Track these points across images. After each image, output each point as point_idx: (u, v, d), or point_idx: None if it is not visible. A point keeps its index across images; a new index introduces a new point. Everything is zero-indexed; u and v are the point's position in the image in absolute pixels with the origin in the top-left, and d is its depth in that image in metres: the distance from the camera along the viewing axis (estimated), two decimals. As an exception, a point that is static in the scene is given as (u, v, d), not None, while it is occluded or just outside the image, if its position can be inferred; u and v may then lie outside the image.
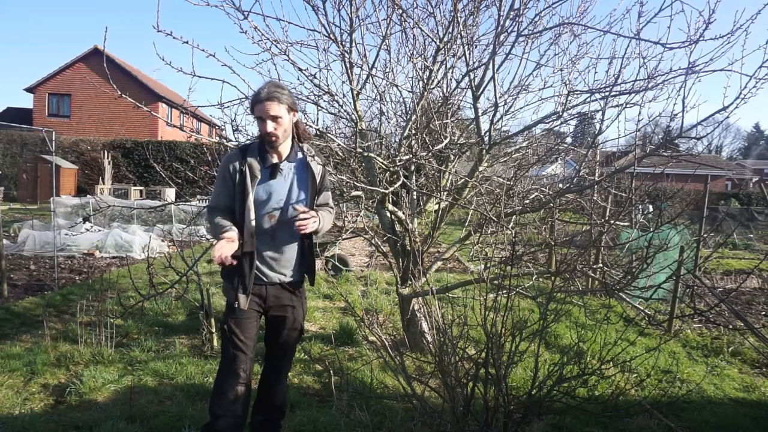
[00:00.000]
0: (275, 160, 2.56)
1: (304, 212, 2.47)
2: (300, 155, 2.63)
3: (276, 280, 2.61)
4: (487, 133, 3.75)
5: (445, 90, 4.30)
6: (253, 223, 2.50)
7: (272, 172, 2.54)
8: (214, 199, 2.63)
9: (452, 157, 4.66)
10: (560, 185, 5.04)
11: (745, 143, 78.95)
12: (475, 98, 3.71)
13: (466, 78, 3.85)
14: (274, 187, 2.55)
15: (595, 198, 4.92)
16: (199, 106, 3.98)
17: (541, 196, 4.36)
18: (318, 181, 2.67)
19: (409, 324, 4.33)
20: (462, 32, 3.73)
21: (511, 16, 3.41)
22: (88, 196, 14.08)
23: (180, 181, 5.05)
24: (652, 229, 3.95)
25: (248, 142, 2.76)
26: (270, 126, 2.46)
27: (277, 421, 2.81)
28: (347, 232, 4.53)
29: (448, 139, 4.04)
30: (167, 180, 4.77)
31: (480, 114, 3.78)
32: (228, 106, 3.87)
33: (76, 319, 4.61)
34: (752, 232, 16.96)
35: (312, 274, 2.75)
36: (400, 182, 3.66)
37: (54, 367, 3.95)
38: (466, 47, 3.61)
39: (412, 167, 4.49)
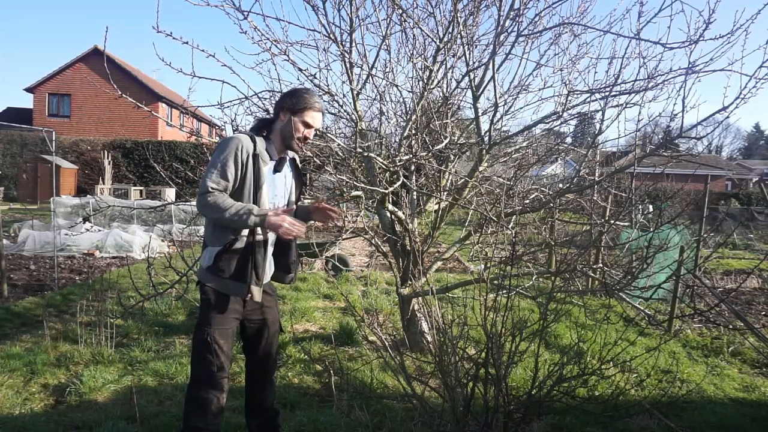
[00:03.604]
0: (279, 155, 2.58)
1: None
2: (289, 157, 2.66)
3: None
4: (487, 133, 3.75)
5: (445, 90, 4.30)
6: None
7: (278, 165, 2.54)
8: (221, 181, 2.35)
9: (452, 157, 4.66)
10: (560, 185, 5.04)
11: (745, 143, 78.99)
12: (475, 98, 3.71)
13: (466, 78, 3.85)
14: (276, 182, 2.56)
15: (595, 198, 4.92)
16: (199, 106, 3.98)
17: (541, 196, 4.36)
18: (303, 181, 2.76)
19: (409, 324, 4.32)
20: (462, 32, 3.73)
21: (511, 16, 3.41)
22: (88, 196, 14.07)
23: (180, 181, 5.03)
24: (652, 229, 3.95)
25: (246, 132, 2.65)
26: (311, 135, 2.56)
27: (275, 421, 2.79)
28: (347, 232, 4.53)
29: (448, 139, 4.04)
30: (167, 180, 4.76)
31: (480, 114, 3.78)
32: (228, 106, 3.87)
33: (76, 319, 4.61)
34: (752, 232, 16.96)
35: (295, 271, 2.73)
36: (400, 182, 3.66)
37: (54, 367, 3.95)
38: (466, 47, 3.61)
39: (412, 167, 4.48)
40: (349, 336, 4.80)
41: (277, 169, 2.53)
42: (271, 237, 2.57)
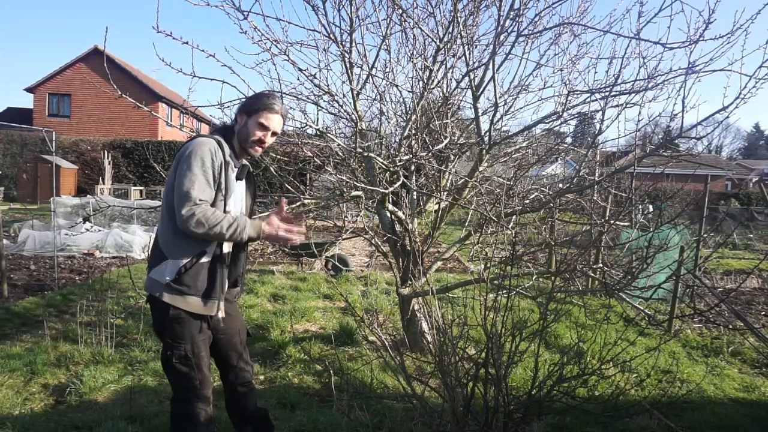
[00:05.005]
0: (241, 161, 2.47)
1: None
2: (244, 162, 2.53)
3: None
4: (487, 133, 3.75)
5: (445, 90, 4.29)
6: None
7: (240, 172, 2.42)
8: (206, 190, 2.19)
9: (452, 157, 4.66)
10: (560, 185, 5.03)
11: (745, 143, 79.05)
12: (475, 98, 3.71)
13: (466, 78, 3.84)
14: (238, 190, 2.43)
15: (595, 198, 4.92)
16: (199, 106, 3.98)
17: (541, 196, 4.36)
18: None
19: (409, 324, 4.32)
20: (462, 32, 3.73)
21: (511, 16, 3.41)
22: (88, 196, 14.07)
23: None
24: (652, 229, 3.95)
25: (205, 134, 2.45)
26: (269, 140, 2.41)
27: (267, 421, 2.70)
28: (347, 232, 4.53)
29: (448, 139, 4.04)
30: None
31: (480, 114, 3.78)
32: (228, 106, 3.86)
33: (76, 319, 4.61)
34: (752, 232, 16.97)
35: (242, 285, 2.62)
36: (400, 182, 3.66)
37: (54, 367, 3.95)
38: (466, 47, 3.61)
39: (412, 167, 4.48)
40: (349, 336, 4.80)
41: (239, 176, 2.39)
42: (229, 248, 2.41)
